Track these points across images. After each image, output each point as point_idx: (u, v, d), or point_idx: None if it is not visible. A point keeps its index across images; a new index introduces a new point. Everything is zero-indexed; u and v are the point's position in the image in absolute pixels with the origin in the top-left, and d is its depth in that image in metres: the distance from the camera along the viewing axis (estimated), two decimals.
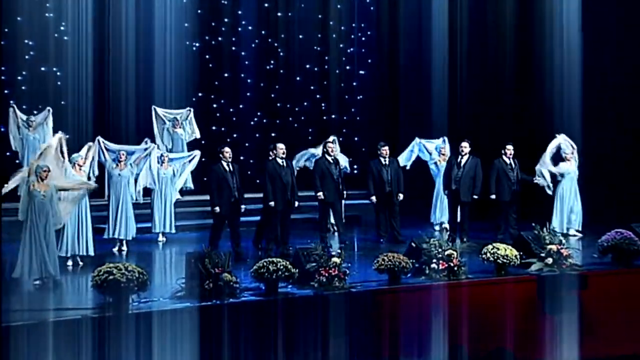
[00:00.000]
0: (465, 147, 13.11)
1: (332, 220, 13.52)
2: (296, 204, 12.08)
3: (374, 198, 13.15)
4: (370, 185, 13.17)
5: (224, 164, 11.60)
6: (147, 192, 13.24)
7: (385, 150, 13.21)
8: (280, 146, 12.00)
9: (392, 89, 18.54)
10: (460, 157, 13.13)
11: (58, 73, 15.39)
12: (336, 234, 13.11)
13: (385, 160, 13.20)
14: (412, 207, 14.32)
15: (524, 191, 13.29)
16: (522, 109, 16.53)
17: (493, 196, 13.19)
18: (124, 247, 12.21)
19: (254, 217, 12.86)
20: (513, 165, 13.19)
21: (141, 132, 15.13)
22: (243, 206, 11.67)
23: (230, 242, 11.63)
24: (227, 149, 11.68)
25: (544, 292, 9.98)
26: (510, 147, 13.23)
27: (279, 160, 11.94)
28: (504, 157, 13.23)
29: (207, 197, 12.44)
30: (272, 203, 11.75)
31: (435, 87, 17.31)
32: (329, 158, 12.83)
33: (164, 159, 13.52)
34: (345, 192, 12.96)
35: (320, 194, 12.67)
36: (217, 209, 11.50)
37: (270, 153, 12.17)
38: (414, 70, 17.97)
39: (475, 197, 13.17)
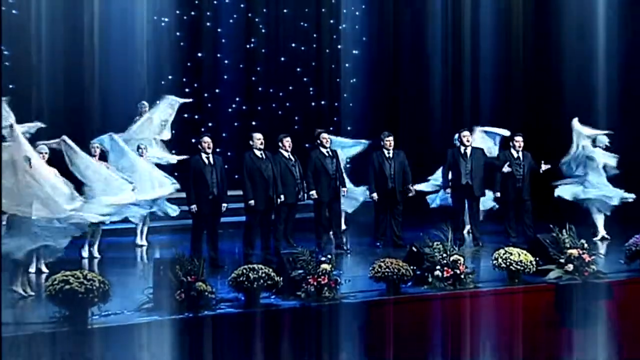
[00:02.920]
0: (468, 136, 13.14)
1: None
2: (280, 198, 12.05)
3: (375, 195, 13.16)
4: (371, 181, 13.18)
5: (203, 156, 11.57)
6: None
7: (390, 141, 13.22)
8: (257, 136, 11.98)
9: (390, 71, 18.52)
10: (463, 148, 13.13)
11: (5, 52, 15.28)
12: (334, 238, 13.09)
13: (389, 153, 13.21)
14: (414, 207, 14.35)
15: (541, 189, 13.31)
16: (536, 94, 16.59)
17: (498, 194, 13.25)
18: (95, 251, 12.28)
19: (233, 217, 12.84)
20: (521, 159, 13.21)
21: (103, 120, 15.05)
22: (224, 205, 11.64)
23: (206, 245, 11.60)
24: (206, 139, 11.64)
25: (563, 303, 10.00)
26: (519, 138, 13.25)
27: (257, 152, 11.92)
28: (511, 149, 13.26)
29: (180, 195, 12.44)
30: (251, 202, 11.73)
31: (439, 69, 17.32)
32: (324, 151, 12.83)
33: (141, 151, 13.50)
34: (344, 190, 12.98)
35: (313, 192, 12.68)
36: (194, 207, 11.46)
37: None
38: (414, 50, 17.96)
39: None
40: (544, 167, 13.23)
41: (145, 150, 13.57)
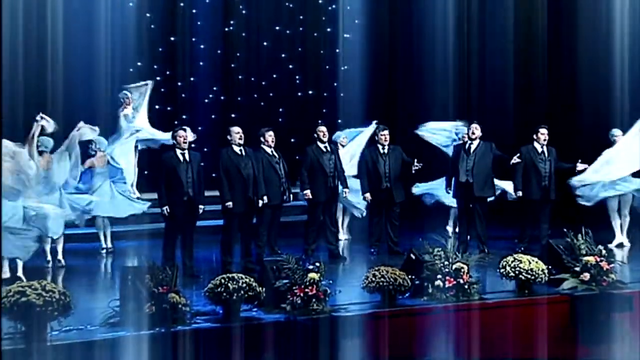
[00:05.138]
0: (475, 128, 13.15)
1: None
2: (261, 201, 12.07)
3: (368, 196, 13.19)
4: (364, 180, 13.20)
5: (178, 152, 11.58)
6: None
7: (385, 135, 13.26)
8: (236, 130, 12.00)
9: (386, 57, 18.53)
10: (469, 142, 13.16)
11: None
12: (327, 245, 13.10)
13: (383, 148, 13.24)
14: (412, 209, 14.38)
15: (561, 189, 13.35)
16: (560, 83, 16.66)
17: (520, 193, 13.25)
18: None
19: (210, 221, 12.84)
20: (546, 155, 13.23)
21: (64, 110, 14.99)
22: (201, 207, 11.65)
23: (180, 252, 11.61)
24: (182, 133, 11.65)
25: (579, 316, 10.03)
26: (543, 130, 13.27)
27: (236, 148, 11.93)
28: (535, 143, 13.27)
29: (150, 196, 12.43)
30: (229, 203, 11.73)
31: (441, 55, 17.34)
32: (322, 146, 12.86)
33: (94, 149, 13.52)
34: (346, 191, 13.01)
35: (307, 191, 12.69)
36: (166, 209, 11.46)
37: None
38: (414, 34, 17.96)
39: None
40: (580, 166, 13.24)
41: (100, 149, 13.55)
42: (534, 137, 13.29)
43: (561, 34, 17.04)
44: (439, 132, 14.80)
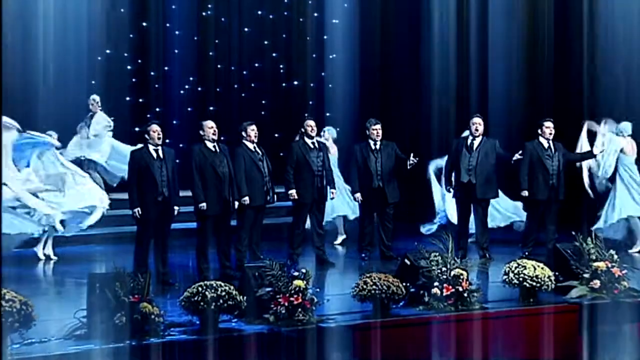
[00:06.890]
0: (479, 123, 13.12)
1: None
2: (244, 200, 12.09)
3: (358, 195, 13.18)
4: (354, 178, 13.20)
5: (151, 148, 11.55)
6: None
7: (377, 130, 13.21)
8: (209, 125, 11.95)
9: (378, 45, 18.53)
10: (471, 138, 13.14)
11: None
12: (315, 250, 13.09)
13: (375, 144, 13.21)
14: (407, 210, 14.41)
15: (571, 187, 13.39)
16: (567, 73, 16.71)
17: (525, 193, 13.22)
18: None
19: (187, 223, 12.83)
20: (553, 150, 13.22)
21: (28, 104, 14.97)
22: (176, 208, 11.64)
23: (154, 257, 11.60)
24: (155, 127, 11.62)
25: (588, 327, 10.05)
26: (549, 124, 13.26)
27: (209, 145, 11.90)
28: (540, 138, 13.25)
29: (120, 196, 12.41)
30: (203, 205, 11.71)
31: (439, 42, 17.35)
32: (309, 142, 12.84)
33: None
34: (333, 192, 13.02)
35: (292, 191, 12.68)
36: (138, 211, 11.43)
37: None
38: (408, 20, 17.97)
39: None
40: (596, 150, 13.31)
41: (60, 151, 13.56)
42: (539, 131, 13.23)
43: (568, 26, 17.08)
44: None
